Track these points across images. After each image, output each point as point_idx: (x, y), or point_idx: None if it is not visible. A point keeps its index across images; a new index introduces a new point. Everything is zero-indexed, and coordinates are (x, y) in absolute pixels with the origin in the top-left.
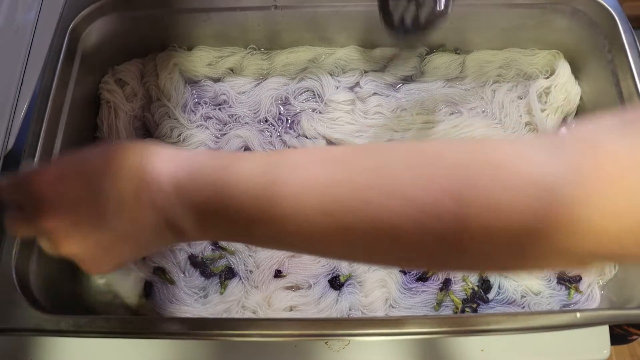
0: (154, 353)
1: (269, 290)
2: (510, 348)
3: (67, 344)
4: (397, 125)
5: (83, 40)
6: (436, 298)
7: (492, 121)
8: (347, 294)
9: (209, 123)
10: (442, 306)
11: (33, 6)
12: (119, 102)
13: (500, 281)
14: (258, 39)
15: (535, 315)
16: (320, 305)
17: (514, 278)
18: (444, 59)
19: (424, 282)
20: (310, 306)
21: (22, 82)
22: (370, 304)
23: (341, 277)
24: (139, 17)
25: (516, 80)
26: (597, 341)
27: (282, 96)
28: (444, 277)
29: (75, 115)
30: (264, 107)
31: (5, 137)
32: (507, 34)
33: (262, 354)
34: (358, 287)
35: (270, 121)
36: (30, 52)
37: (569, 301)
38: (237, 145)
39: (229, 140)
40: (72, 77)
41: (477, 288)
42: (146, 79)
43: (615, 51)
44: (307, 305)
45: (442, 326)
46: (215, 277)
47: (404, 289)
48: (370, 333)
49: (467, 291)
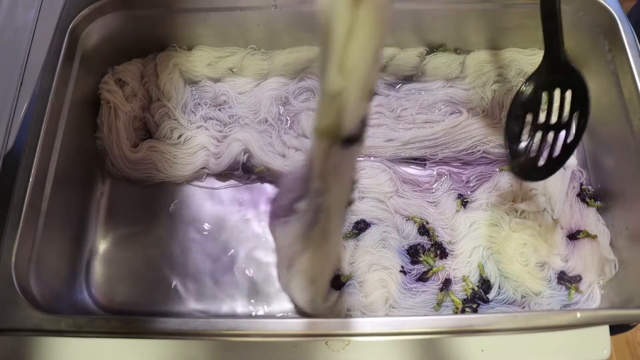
0: (154, 353)
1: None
2: (510, 348)
3: (67, 344)
4: (397, 125)
5: (83, 40)
6: (436, 298)
7: (492, 121)
8: (347, 294)
9: (209, 124)
10: (442, 306)
11: (33, 6)
12: (119, 103)
13: (500, 281)
14: (258, 39)
15: (535, 315)
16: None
17: (515, 278)
18: (444, 59)
19: (424, 282)
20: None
21: (22, 82)
22: (371, 304)
23: (342, 277)
24: (139, 17)
25: (516, 80)
26: (597, 341)
27: (282, 96)
28: (444, 278)
29: (75, 115)
30: (264, 107)
31: (5, 137)
32: (507, 34)
33: (262, 354)
34: (358, 288)
35: (270, 121)
36: (30, 52)
37: (570, 301)
38: (238, 149)
39: (229, 144)
40: (72, 77)
41: (477, 288)
42: (146, 79)
43: (615, 51)
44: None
45: (442, 326)
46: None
47: (404, 289)
48: (370, 333)
49: (467, 291)
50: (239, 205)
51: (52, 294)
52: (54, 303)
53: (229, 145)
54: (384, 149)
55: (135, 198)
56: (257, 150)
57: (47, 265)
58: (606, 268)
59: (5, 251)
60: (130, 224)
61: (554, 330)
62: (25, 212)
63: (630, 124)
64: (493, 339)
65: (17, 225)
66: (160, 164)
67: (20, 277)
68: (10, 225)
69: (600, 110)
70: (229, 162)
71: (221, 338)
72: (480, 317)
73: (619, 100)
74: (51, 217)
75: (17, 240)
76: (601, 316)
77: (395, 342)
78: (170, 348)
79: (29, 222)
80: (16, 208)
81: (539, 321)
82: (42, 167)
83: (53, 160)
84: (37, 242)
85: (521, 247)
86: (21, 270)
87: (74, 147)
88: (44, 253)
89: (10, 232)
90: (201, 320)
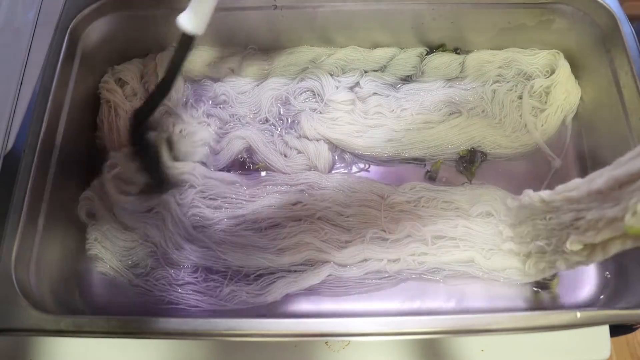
0: (154, 353)
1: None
2: (510, 348)
3: (67, 344)
4: (397, 125)
5: (83, 40)
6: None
7: (492, 121)
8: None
9: (210, 120)
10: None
11: (33, 6)
12: (119, 102)
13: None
14: (258, 39)
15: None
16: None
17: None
18: (444, 59)
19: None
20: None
21: (22, 82)
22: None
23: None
24: (139, 17)
25: (516, 80)
26: (597, 341)
27: (282, 96)
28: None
29: (75, 115)
30: (265, 107)
31: (5, 136)
32: (507, 34)
33: (262, 354)
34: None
35: (272, 121)
36: (30, 52)
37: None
38: (239, 146)
39: (229, 141)
40: (72, 76)
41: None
42: (146, 79)
43: (615, 51)
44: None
45: (442, 326)
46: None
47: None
48: (370, 333)
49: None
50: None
51: (52, 294)
52: (54, 303)
53: (229, 142)
54: (384, 149)
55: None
56: (260, 146)
57: (47, 265)
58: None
59: (5, 251)
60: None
61: (553, 330)
62: (25, 212)
63: (630, 123)
64: (493, 339)
65: (17, 225)
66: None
67: (20, 277)
68: (10, 225)
69: (600, 110)
70: (228, 159)
71: (221, 338)
72: (480, 317)
73: (619, 100)
74: (51, 217)
75: (17, 240)
76: (601, 316)
77: (395, 342)
78: (170, 348)
79: (29, 222)
80: (16, 208)
81: (538, 321)
82: (42, 167)
83: (53, 160)
84: (37, 242)
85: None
86: (21, 270)
87: (74, 147)
88: (44, 253)
89: (10, 232)
90: (201, 320)
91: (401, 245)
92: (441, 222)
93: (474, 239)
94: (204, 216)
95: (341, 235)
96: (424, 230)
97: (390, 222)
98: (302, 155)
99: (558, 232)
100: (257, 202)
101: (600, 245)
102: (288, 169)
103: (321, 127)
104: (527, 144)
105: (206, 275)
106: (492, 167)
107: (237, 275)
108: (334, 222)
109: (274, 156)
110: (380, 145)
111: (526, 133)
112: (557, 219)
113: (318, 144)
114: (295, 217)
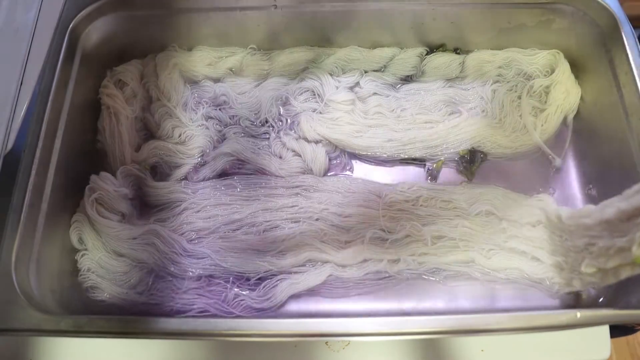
0: (154, 353)
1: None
2: (510, 348)
3: (67, 344)
4: (397, 125)
5: (83, 40)
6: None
7: (492, 121)
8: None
9: (209, 123)
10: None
11: (33, 6)
12: (120, 107)
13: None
14: (258, 39)
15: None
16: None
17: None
18: (444, 59)
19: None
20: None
21: (22, 82)
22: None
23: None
24: (139, 17)
25: (516, 80)
26: (597, 341)
27: (282, 96)
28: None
29: (75, 116)
30: (264, 107)
31: (5, 137)
32: (507, 34)
33: (262, 354)
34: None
35: (270, 122)
36: (30, 52)
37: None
38: (225, 164)
39: (215, 157)
40: (72, 77)
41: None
42: (146, 80)
43: (615, 51)
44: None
45: (442, 326)
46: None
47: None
48: (370, 333)
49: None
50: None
51: (52, 294)
52: (54, 303)
53: (215, 158)
54: (383, 149)
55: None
56: (250, 156)
57: (47, 265)
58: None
59: (5, 251)
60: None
61: (553, 330)
62: (25, 212)
63: (630, 123)
64: (493, 339)
65: (17, 225)
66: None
67: (20, 277)
68: (10, 225)
69: (600, 110)
70: (211, 173)
71: (221, 338)
72: (480, 317)
73: (619, 100)
74: (51, 217)
75: (17, 240)
76: (601, 316)
77: (395, 342)
78: (170, 348)
79: (29, 222)
80: (16, 208)
81: (538, 321)
82: (42, 167)
83: (53, 160)
84: (37, 242)
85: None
86: (21, 270)
87: (73, 147)
88: (44, 253)
89: (10, 232)
90: (201, 320)
91: (401, 245)
92: (440, 221)
93: (474, 238)
94: (199, 229)
95: (341, 235)
96: (423, 230)
97: (389, 221)
98: (298, 158)
99: (574, 254)
100: (253, 206)
101: (611, 270)
102: (282, 171)
103: (321, 128)
104: (527, 143)
105: (209, 280)
106: (492, 167)
107: (239, 280)
108: (333, 223)
109: (266, 160)
110: (380, 145)
111: (526, 133)
112: (571, 242)
113: (316, 147)
114: (294, 218)
